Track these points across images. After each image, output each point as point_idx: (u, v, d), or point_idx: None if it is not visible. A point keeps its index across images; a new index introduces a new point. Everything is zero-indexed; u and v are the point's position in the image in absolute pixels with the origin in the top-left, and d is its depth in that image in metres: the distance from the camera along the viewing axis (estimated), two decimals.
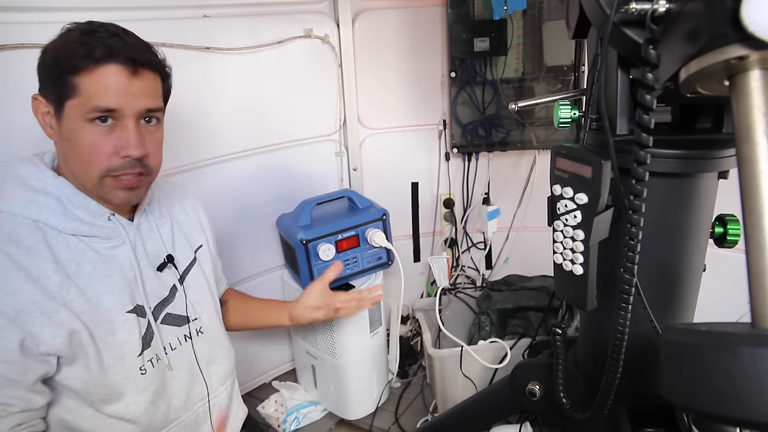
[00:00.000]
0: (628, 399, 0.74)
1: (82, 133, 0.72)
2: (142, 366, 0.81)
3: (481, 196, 1.70)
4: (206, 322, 0.94)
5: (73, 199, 0.75)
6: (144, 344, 0.81)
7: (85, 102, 0.71)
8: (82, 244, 0.76)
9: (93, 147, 0.73)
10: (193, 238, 0.96)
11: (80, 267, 0.75)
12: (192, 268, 0.93)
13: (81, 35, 0.71)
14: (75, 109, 0.71)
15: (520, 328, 1.40)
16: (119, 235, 0.80)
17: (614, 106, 0.63)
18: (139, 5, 1.14)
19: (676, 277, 0.68)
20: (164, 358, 0.85)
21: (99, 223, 0.77)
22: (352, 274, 1.37)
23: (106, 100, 0.71)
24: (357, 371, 1.42)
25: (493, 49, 1.50)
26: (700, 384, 0.39)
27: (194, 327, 0.91)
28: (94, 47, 0.70)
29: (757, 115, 0.39)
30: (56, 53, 0.71)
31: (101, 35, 0.72)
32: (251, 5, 1.33)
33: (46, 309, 0.70)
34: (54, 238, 0.73)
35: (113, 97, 0.72)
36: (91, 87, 0.71)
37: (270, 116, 1.43)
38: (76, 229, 0.75)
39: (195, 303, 0.92)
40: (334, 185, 1.62)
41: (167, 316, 0.86)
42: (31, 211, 0.73)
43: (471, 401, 1.15)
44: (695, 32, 0.41)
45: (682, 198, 0.63)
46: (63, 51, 0.71)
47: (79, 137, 0.72)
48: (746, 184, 0.40)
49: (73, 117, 0.72)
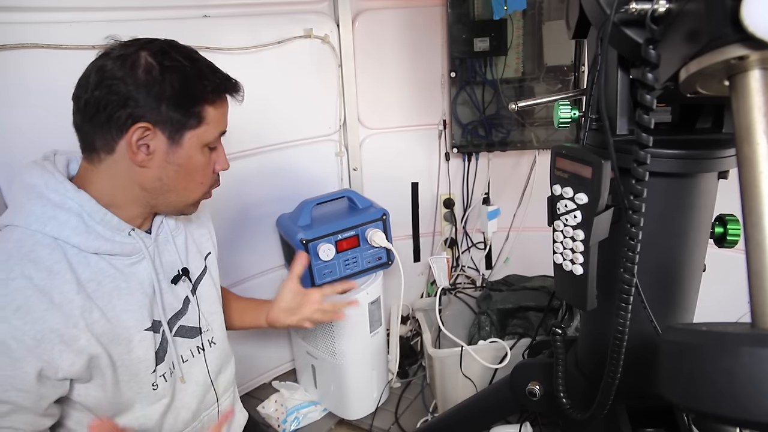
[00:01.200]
0: (628, 399, 0.74)
1: (197, 158, 0.76)
2: (155, 381, 0.80)
3: (481, 196, 1.70)
4: (217, 332, 0.93)
5: (95, 214, 0.73)
6: (158, 359, 0.80)
7: (209, 131, 0.76)
8: (103, 263, 0.74)
9: (205, 169, 0.79)
10: (203, 246, 0.95)
11: (101, 286, 0.73)
12: (203, 277, 0.92)
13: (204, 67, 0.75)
14: (195, 138, 0.74)
15: (520, 328, 1.40)
16: (139, 251, 0.78)
17: (614, 106, 0.63)
18: (139, 5, 1.14)
19: (676, 277, 0.68)
20: (177, 371, 0.84)
21: (119, 239, 0.75)
22: (352, 274, 1.37)
23: (224, 128, 0.80)
24: (357, 371, 1.42)
25: (493, 49, 1.50)
26: (700, 384, 0.39)
27: (206, 338, 0.91)
28: (218, 81, 0.76)
29: (757, 115, 0.39)
30: (185, 84, 0.72)
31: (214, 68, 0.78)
32: (251, 5, 1.33)
33: (66, 336, 0.68)
34: (75, 257, 0.71)
35: (226, 123, 0.80)
36: (216, 117, 0.76)
37: (270, 116, 1.43)
38: (99, 248, 0.73)
39: (207, 314, 0.91)
40: (334, 185, 1.62)
41: (180, 328, 0.85)
42: (52, 228, 0.70)
43: (471, 401, 1.15)
44: (695, 32, 0.41)
45: (682, 198, 0.63)
46: (192, 83, 0.72)
47: (194, 162, 0.76)
48: (746, 184, 0.40)
49: (193, 145, 0.75)
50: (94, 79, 0.69)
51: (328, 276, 1.34)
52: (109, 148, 0.71)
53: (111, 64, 0.69)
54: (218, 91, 0.76)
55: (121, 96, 0.68)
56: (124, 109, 0.69)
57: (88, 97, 0.69)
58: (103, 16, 1.09)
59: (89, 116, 0.70)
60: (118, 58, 0.69)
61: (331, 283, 1.17)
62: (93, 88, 0.69)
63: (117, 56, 0.70)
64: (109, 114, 0.69)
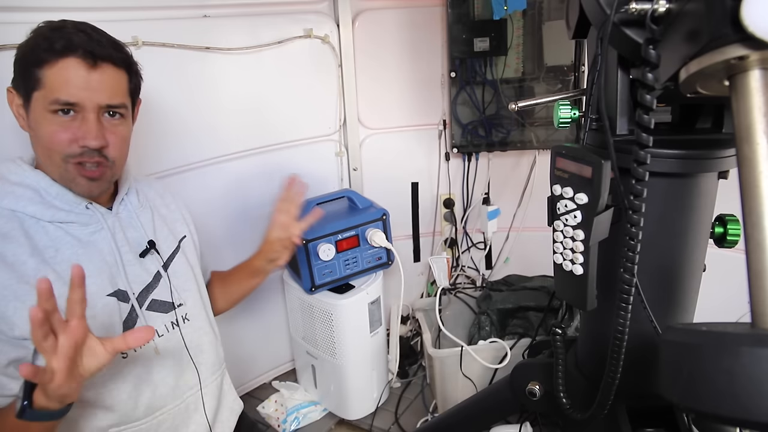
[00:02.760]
0: (628, 399, 0.74)
1: (44, 123, 0.75)
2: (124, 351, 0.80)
3: (481, 196, 1.70)
4: (191, 308, 0.95)
5: (50, 189, 0.78)
6: (126, 328, 0.82)
7: (47, 94, 0.74)
8: (60, 231, 0.78)
9: (53, 135, 0.76)
10: (176, 229, 0.98)
11: (59, 252, 0.77)
12: (176, 255, 0.94)
13: (48, 30, 0.75)
14: (39, 101, 0.75)
15: (520, 328, 1.40)
16: (97, 221, 0.82)
17: (614, 106, 0.63)
18: (139, 5, 1.14)
19: (676, 277, 0.68)
20: (150, 343, 0.85)
21: (76, 211, 0.79)
22: (352, 274, 1.37)
23: (66, 93, 0.74)
24: (357, 371, 1.42)
25: (493, 49, 1.50)
26: (700, 384, 0.39)
27: (180, 313, 0.92)
28: (55, 41, 0.74)
29: (757, 115, 0.39)
30: (25, 47, 0.75)
31: (67, 30, 0.75)
32: (251, 5, 1.33)
33: (20, 292, 0.71)
34: (32, 227, 0.76)
35: (73, 90, 0.75)
36: (53, 80, 0.74)
37: (270, 116, 1.43)
38: (54, 216, 0.77)
39: (180, 289, 0.92)
40: (334, 185, 1.62)
41: (153, 302, 0.87)
42: (9, 201, 0.75)
43: (471, 401, 1.15)
44: (695, 32, 0.41)
45: (682, 198, 0.63)
46: (30, 44, 0.75)
47: (42, 127, 0.75)
48: (746, 184, 0.40)
49: (38, 108, 0.75)
50: None
51: (328, 276, 1.34)
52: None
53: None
54: (52, 51, 0.74)
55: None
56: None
57: None
58: (103, 16, 1.09)
59: None
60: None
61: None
62: None
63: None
64: None
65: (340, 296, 1.35)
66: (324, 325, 1.38)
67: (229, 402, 1.06)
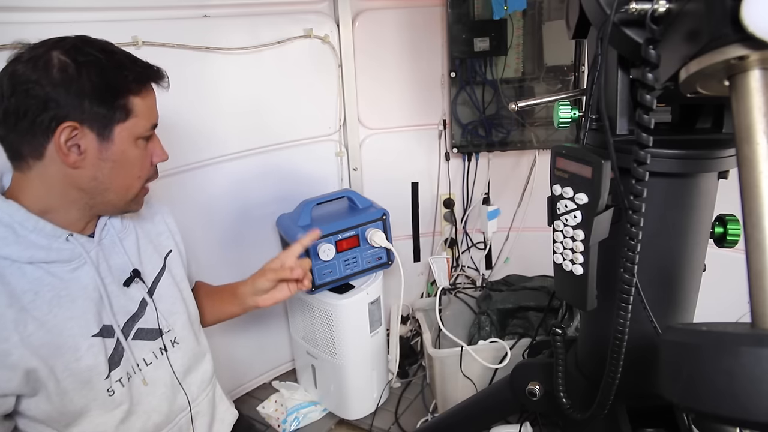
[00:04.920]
0: (628, 399, 0.74)
1: (132, 152, 0.75)
2: (110, 387, 0.78)
3: (481, 196, 1.70)
4: (180, 331, 0.91)
5: (26, 223, 0.71)
6: (112, 365, 0.78)
7: (140, 123, 0.75)
8: (40, 271, 0.71)
9: (142, 162, 0.78)
10: (161, 245, 0.93)
11: (39, 296, 0.71)
12: (162, 276, 0.90)
13: (123, 58, 0.74)
14: (126, 131, 0.73)
15: (520, 328, 1.39)
16: (79, 256, 0.76)
17: (614, 106, 0.63)
18: (139, 5, 1.14)
19: (676, 277, 0.68)
20: (138, 375, 0.82)
21: (56, 246, 0.73)
22: (352, 274, 1.37)
23: (156, 118, 0.79)
24: (357, 371, 1.42)
25: (493, 49, 1.50)
26: (700, 384, 0.39)
27: (168, 339, 0.88)
28: (140, 70, 0.75)
29: (757, 115, 0.39)
30: (105, 77, 0.70)
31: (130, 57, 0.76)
32: (251, 5, 1.33)
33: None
34: (8, 269, 0.69)
35: (156, 114, 0.79)
36: (145, 107, 0.75)
37: (270, 116, 1.43)
38: (32, 256, 0.71)
39: (167, 314, 0.88)
40: (334, 185, 1.62)
41: (139, 331, 0.83)
42: None
43: (471, 401, 1.15)
44: (695, 32, 0.41)
45: (682, 198, 0.63)
46: (112, 75, 0.71)
47: (129, 156, 0.75)
48: (746, 184, 0.40)
49: (124, 139, 0.74)
50: (7, 87, 0.67)
51: (328, 276, 1.34)
52: (38, 153, 0.70)
53: (23, 68, 0.67)
54: (141, 81, 0.75)
55: (39, 99, 0.66)
56: (45, 112, 0.67)
57: (6, 106, 0.67)
58: (103, 16, 1.09)
59: (11, 125, 0.68)
60: (30, 61, 0.67)
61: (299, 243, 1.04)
62: (8, 96, 0.67)
63: (28, 59, 0.67)
64: (32, 119, 0.67)
65: (340, 296, 1.35)
66: (324, 325, 1.38)
67: (221, 413, 1.03)
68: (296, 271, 0.97)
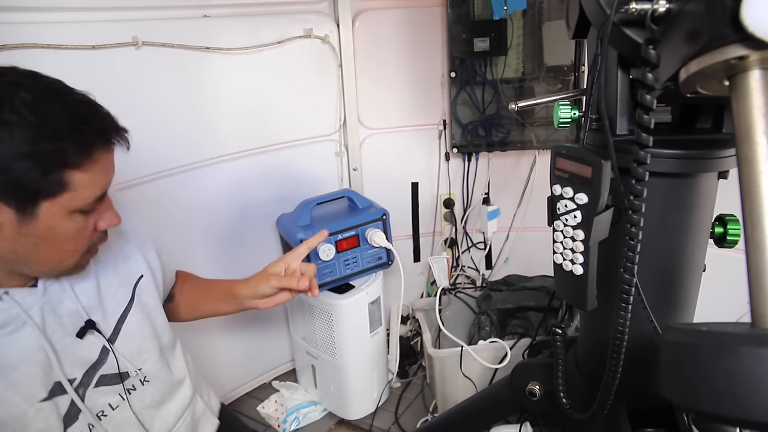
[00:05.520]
0: (628, 399, 0.74)
1: (64, 227, 0.61)
2: None
3: (481, 196, 1.70)
4: (151, 369, 0.82)
5: None
6: (67, 422, 0.70)
7: (77, 196, 0.60)
8: None
9: (78, 235, 0.64)
10: (129, 272, 0.80)
11: None
12: (129, 313, 0.79)
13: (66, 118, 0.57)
14: (58, 206, 0.59)
15: (520, 328, 1.40)
16: (16, 317, 0.64)
17: (614, 106, 0.63)
18: (139, 5, 1.14)
19: (676, 277, 0.68)
20: (103, 422, 0.75)
21: None
22: (352, 274, 1.37)
23: (100, 187, 0.63)
24: (357, 371, 1.42)
25: (493, 49, 1.50)
26: (700, 384, 0.39)
27: (137, 378, 0.80)
28: (85, 137, 0.59)
29: (757, 115, 0.39)
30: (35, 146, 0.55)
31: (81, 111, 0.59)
32: (251, 5, 1.33)
33: None
34: None
35: (104, 181, 0.63)
36: (88, 179, 0.60)
37: (270, 116, 1.43)
38: None
39: (135, 354, 0.79)
40: (334, 185, 1.62)
41: (102, 378, 0.75)
42: None
43: (471, 401, 1.15)
44: (695, 32, 0.41)
45: (682, 198, 0.63)
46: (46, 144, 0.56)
47: (60, 232, 0.61)
48: (746, 184, 0.40)
49: (54, 214, 0.59)
50: None
51: (328, 276, 1.33)
52: None
53: None
54: (84, 151, 0.59)
55: None
56: None
57: None
58: (103, 16, 1.09)
59: None
60: None
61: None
62: None
63: None
64: None
65: (340, 296, 1.35)
66: (324, 325, 1.38)
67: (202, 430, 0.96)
68: (303, 281, 0.87)
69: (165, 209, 1.27)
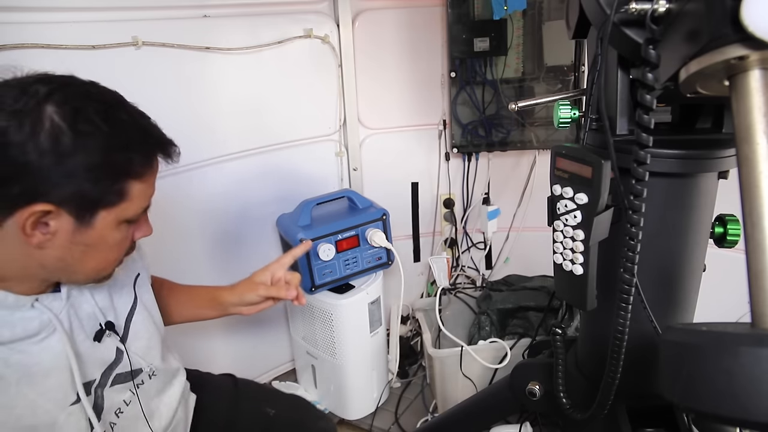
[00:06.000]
0: (628, 399, 0.74)
1: (112, 237, 0.63)
2: None
3: (481, 196, 1.70)
4: (159, 363, 0.84)
5: None
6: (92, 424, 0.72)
7: (131, 207, 0.62)
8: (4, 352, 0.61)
9: (122, 244, 0.66)
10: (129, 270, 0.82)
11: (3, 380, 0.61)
12: (135, 311, 0.81)
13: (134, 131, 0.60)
14: (113, 216, 0.61)
15: (520, 328, 1.40)
16: (48, 323, 0.65)
17: (614, 106, 0.63)
18: (139, 5, 1.14)
19: (676, 277, 0.68)
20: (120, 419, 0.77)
21: (19, 315, 0.63)
22: (352, 274, 1.37)
23: (150, 199, 0.66)
24: (357, 371, 1.42)
25: (493, 49, 1.50)
26: (700, 384, 0.39)
27: (147, 373, 0.82)
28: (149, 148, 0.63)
29: (757, 115, 0.39)
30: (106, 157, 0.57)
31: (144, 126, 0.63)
32: (251, 5, 1.33)
33: None
34: None
35: (153, 192, 0.66)
36: (143, 190, 0.63)
37: (270, 116, 1.43)
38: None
39: (146, 351, 0.81)
40: (334, 185, 1.62)
41: (117, 377, 0.76)
42: None
43: (471, 401, 1.15)
44: (695, 32, 0.41)
45: (682, 198, 0.63)
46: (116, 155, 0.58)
47: (108, 241, 0.63)
48: (746, 184, 0.40)
49: (108, 224, 0.61)
50: None
51: (328, 276, 1.34)
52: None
53: (5, 121, 0.52)
54: (148, 162, 0.62)
55: (17, 167, 0.53)
56: (17, 183, 0.53)
57: None
58: (103, 16, 1.09)
59: None
60: (15, 115, 0.52)
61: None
62: None
63: (13, 111, 0.52)
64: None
65: (340, 296, 1.35)
66: (324, 325, 1.38)
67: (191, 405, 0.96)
68: (291, 291, 0.90)
69: (165, 209, 1.27)
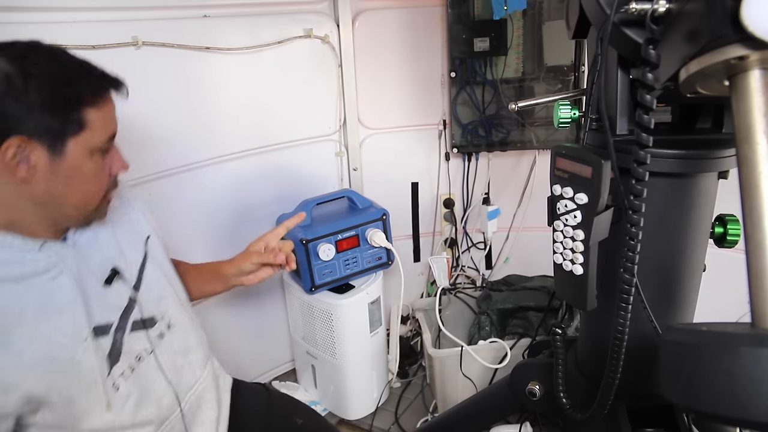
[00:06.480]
0: (628, 399, 0.74)
1: (88, 166, 0.71)
2: (114, 383, 0.77)
3: (481, 196, 1.70)
4: (174, 314, 0.90)
5: None
6: (111, 361, 0.77)
7: (95, 135, 0.70)
8: (19, 287, 0.68)
9: (99, 176, 0.73)
10: (140, 231, 0.91)
11: (22, 313, 0.67)
12: (146, 264, 0.88)
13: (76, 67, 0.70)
14: (80, 145, 0.69)
15: (520, 328, 1.40)
16: (56, 265, 0.72)
17: (614, 106, 0.63)
18: (139, 5, 1.14)
19: (676, 277, 0.68)
20: (140, 365, 0.82)
21: (30, 258, 0.70)
22: (352, 273, 1.37)
23: (112, 129, 0.73)
24: (357, 371, 1.42)
25: (493, 49, 1.50)
26: (700, 384, 0.39)
27: (164, 324, 0.88)
28: (95, 80, 0.70)
29: (757, 115, 0.39)
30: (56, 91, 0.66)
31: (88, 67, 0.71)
32: (251, 5, 1.33)
33: None
34: None
35: (114, 124, 0.74)
36: (101, 118, 0.70)
37: (270, 116, 1.43)
38: (7, 274, 0.67)
39: (158, 301, 0.87)
40: (334, 185, 1.62)
41: (135, 323, 0.82)
42: None
43: (471, 401, 1.15)
44: (695, 32, 0.41)
45: (682, 198, 0.63)
46: (65, 86, 0.67)
47: (84, 171, 0.71)
48: (746, 184, 0.40)
49: (78, 153, 0.69)
50: None
51: (328, 276, 1.34)
52: None
53: None
54: (97, 92, 0.70)
55: None
56: None
57: None
58: (103, 16, 1.09)
59: None
60: None
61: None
62: None
63: None
64: None
65: (340, 296, 1.35)
66: (324, 325, 1.38)
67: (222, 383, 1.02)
68: (280, 256, 1.01)
69: (165, 209, 1.27)
